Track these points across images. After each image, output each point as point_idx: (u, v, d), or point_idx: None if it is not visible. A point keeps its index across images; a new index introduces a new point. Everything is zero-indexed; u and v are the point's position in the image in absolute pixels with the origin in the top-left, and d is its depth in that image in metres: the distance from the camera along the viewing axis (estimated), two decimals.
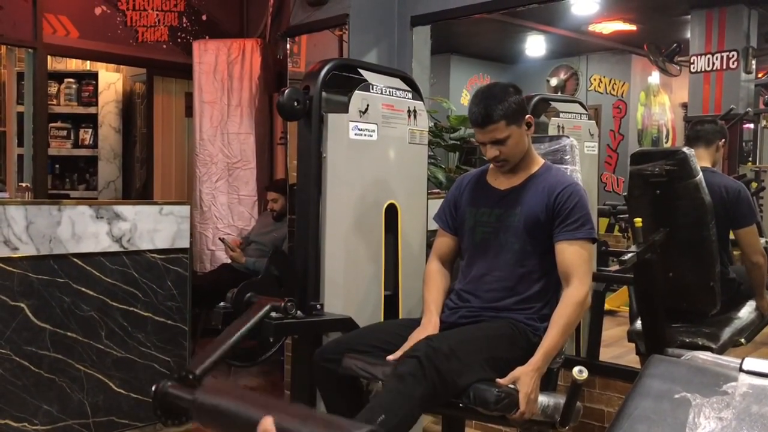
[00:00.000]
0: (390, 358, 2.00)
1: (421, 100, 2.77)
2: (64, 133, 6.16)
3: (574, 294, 2.03)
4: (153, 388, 1.90)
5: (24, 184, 3.73)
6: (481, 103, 2.10)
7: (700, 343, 2.71)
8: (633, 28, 6.35)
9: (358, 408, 2.15)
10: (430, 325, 2.12)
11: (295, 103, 2.43)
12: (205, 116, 4.88)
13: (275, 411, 1.63)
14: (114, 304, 3.09)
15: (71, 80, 6.12)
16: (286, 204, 4.25)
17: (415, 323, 2.24)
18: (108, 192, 6.15)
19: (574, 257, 2.07)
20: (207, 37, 5.16)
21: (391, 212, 2.66)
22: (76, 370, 2.99)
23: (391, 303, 2.68)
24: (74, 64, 6.29)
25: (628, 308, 4.34)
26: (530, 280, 2.14)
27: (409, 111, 2.68)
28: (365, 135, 2.53)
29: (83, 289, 3.00)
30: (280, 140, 5.11)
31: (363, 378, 2.08)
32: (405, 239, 2.71)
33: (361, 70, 2.58)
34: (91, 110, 6.12)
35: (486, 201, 2.24)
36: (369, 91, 2.53)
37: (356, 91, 2.48)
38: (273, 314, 2.21)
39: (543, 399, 1.95)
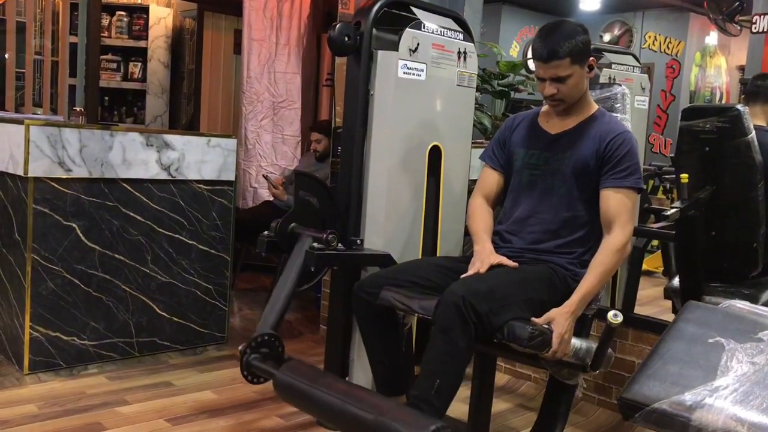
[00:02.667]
0: (463, 276, 2.04)
1: (472, 42, 2.74)
2: (114, 65, 6.27)
3: (614, 241, 2.04)
4: (240, 352, 2.09)
5: (78, 109, 3.83)
6: (548, 37, 2.07)
7: None
8: None
9: (393, 340, 2.23)
10: (484, 252, 2.13)
11: (346, 39, 2.43)
12: (253, 54, 4.90)
13: (351, 400, 1.78)
14: (160, 230, 3.19)
15: (123, 13, 6.19)
16: (329, 145, 4.28)
17: (453, 261, 2.28)
18: (155, 126, 6.27)
19: (618, 205, 2.06)
20: None
21: (435, 154, 2.68)
22: (122, 291, 3.11)
23: (430, 244, 2.72)
24: None
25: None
26: (574, 225, 2.15)
27: (459, 52, 2.66)
28: (414, 74, 2.53)
29: (131, 213, 3.10)
30: (326, 81, 5.12)
31: (400, 310, 2.13)
32: (447, 182, 2.73)
33: (413, 8, 2.57)
34: (141, 44, 6.20)
35: (536, 143, 2.24)
36: (420, 29, 2.52)
37: (407, 29, 2.48)
38: (315, 245, 2.27)
39: (576, 342, 1.97)
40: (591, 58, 2.13)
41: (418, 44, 2.50)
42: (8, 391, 2.76)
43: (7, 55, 5.60)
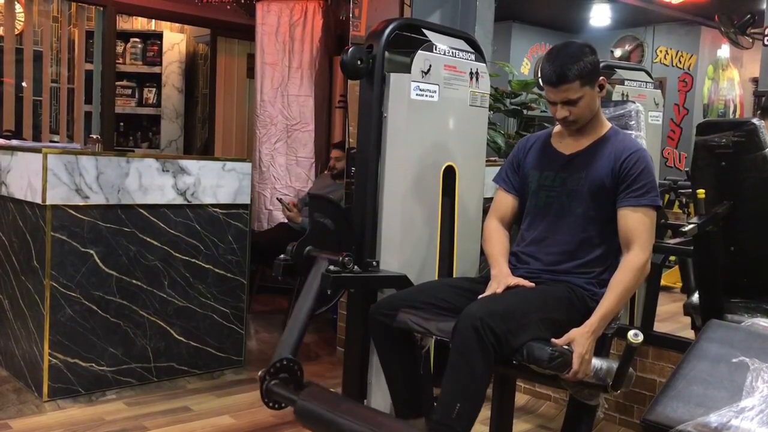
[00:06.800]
0: (481, 296, 2.04)
1: (484, 62, 2.75)
2: (129, 91, 6.36)
3: (634, 260, 2.02)
4: (259, 378, 2.09)
5: (94, 136, 3.87)
6: (556, 61, 2.06)
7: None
8: None
9: (411, 362, 2.21)
10: (501, 274, 2.12)
11: (359, 62, 2.45)
12: (266, 78, 4.95)
13: (372, 426, 1.77)
14: (177, 254, 3.20)
15: (137, 40, 6.28)
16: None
17: (470, 282, 2.27)
18: (170, 151, 6.33)
19: (637, 223, 2.05)
20: None
21: (449, 174, 2.68)
22: (139, 316, 3.12)
23: (446, 264, 2.71)
24: (140, 24, 6.44)
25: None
26: (591, 245, 2.13)
27: (471, 73, 2.67)
28: (426, 96, 2.54)
29: (148, 239, 3.12)
30: (339, 103, 5.15)
31: (417, 333, 2.12)
32: (462, 202, 2.73)
33: (424, 31, 2.58)
34: (155, 70, 6.28)
35: (550, 164, 2.23)
36: (432, 51, 2.53)
37: (419, 51, 2.49)
38: (331, 267, 2.27)
39: (596, 362, 1.95)
40: (601, 78, 2.13)
41: (430, 66, 2.52)
42: (28, 419, 2.77)
43: (24, 84, 5.68)
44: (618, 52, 7.51)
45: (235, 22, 5.68)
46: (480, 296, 2.04)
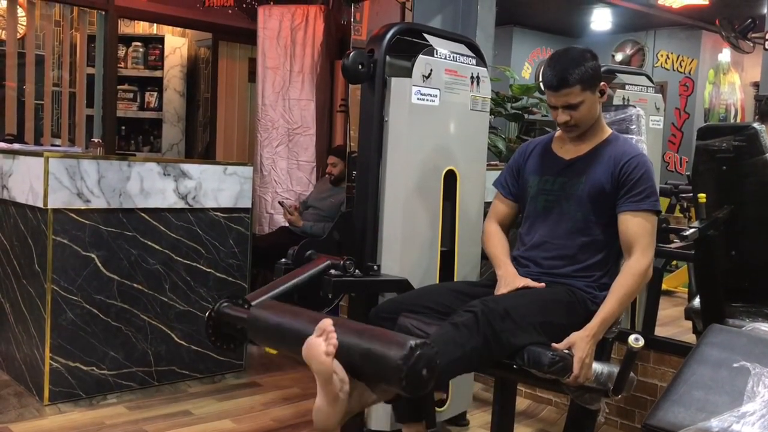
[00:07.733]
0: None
1: (485, 66, 2.76)
2: (131, 95, 6.36)
3: (636, 265, 2.02)
4: (208, 312, 1.92)
5: (96, 140, 3.87)
6: (557, 65, 2.08)
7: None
8: (705, 2, 6.12)
9: None
10: (509, 276, 2.12)
11: (360, 66, 2.46)
12: (268, 82, 4.95)
13: (313, 322, 1.61)
14: (178, 258, 3.20)
15: (138, 44, 6.29)
16: (344, 169, 4.30)
17: (471, 286, 2.27)
18: (171, 154, 6.34)
19: (638, 228, 2.05)
20: (272, 2, 5.22)
21: (450, 178, 2.68)
22: (140, 320, 3.12)
23: (447, 268, 2.71)
24: (141, 28, 6.45)
25: (687, 289, 4.27)
26: (591, 250, 2.13)
27: (472, 77, 2.68)
28: (427, 100, 2.55)
29: (150, 243, 3.12)
30: (340, 107, 5.16)
31: (418, 337, 2.12)
32: (463, 206, 2.73)
33: (425, 35, 2.59)
34: (157, 74, 6.29)
35: (550, 169, 2.24)
36: (433, 56, 2.54)
37: (420, 56, 2.50)
38: (332, 271, 2.28)
39: (597, 366, 1.95)
40: (602, 83, 2.14)
41: (431, 70, 2.52)
42: (29, 423, 2.77)
43: (26, 87, 5.69)
44: (619, 56, 7.52)
45: (236, 27, 5.69)
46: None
